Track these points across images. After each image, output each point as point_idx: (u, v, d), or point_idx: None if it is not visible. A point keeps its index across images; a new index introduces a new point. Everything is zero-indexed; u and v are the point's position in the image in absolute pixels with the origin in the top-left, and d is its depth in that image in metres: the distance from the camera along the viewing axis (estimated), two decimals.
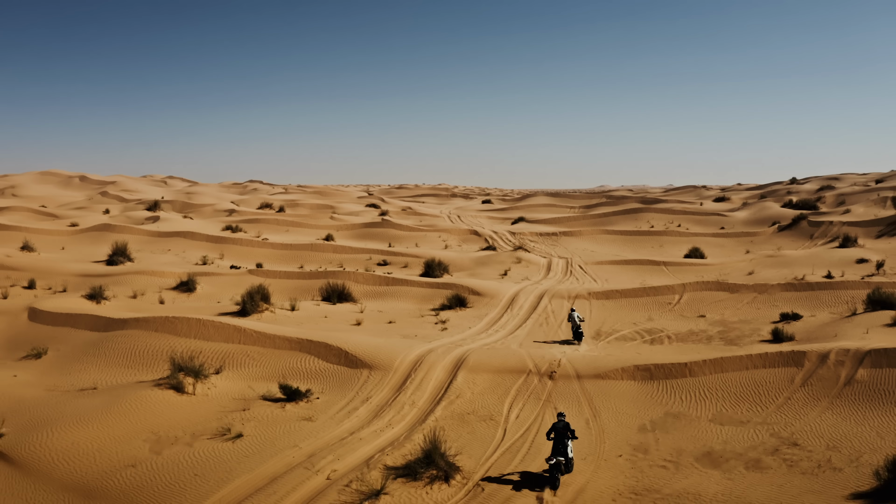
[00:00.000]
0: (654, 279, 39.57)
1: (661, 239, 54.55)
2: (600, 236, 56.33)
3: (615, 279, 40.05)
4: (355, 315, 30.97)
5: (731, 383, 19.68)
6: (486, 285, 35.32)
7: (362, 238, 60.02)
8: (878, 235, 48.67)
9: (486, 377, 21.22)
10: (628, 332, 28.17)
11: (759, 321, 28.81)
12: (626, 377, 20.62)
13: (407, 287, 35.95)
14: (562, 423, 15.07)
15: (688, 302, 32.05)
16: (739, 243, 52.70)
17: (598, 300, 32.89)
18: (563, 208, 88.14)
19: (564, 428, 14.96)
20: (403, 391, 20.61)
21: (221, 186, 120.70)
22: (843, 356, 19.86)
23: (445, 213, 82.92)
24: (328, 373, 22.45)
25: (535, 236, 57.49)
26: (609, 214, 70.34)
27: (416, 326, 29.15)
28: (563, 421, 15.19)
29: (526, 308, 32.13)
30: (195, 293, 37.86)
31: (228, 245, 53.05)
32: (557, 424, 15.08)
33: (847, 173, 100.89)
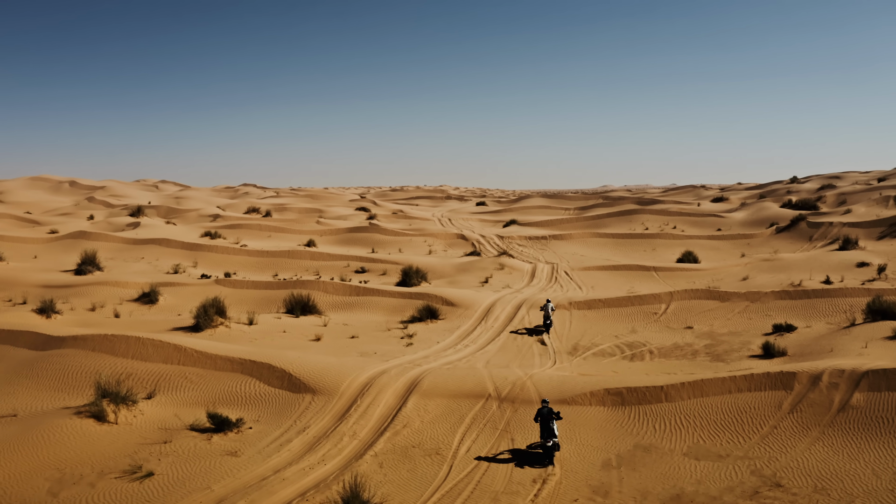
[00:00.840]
0: (642, 286, 37.38)
1: (654, 242, 52.31)
2: (591, 240, 54.11)
3: (602, 286, 37.85)
4: (317, 329, 28.86)
5: (711, 409, 17.49)
6: (462, 295, 33.17)
7: (346, 243, 57.94)
8: (880, 237, 46.37)
9: (440, 402, 19.08)
10: (608, 347, 25.99)
11: (750, 333, 26.59)
12: (595, 402, 18.45)
13: (378, 297, 33.82)
14: (546, 409, 16.28)
15: (675, 311, 29.84)
16: (735, 246, 50.44)
17: (580, 310, 30.70)
18: (558, 210, 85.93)
19: (549, 413, 16.20)
20: (346, 420, 18.51)
21: (213, 190, 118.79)
22: (838, 378, 17.66)
23: (437, 216, 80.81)
24: (268, 398, 20.38)
25: (523, 240, 55.31)
26: (603, 216, 68.14)
27: (379, 342, 27.03)
28: (547, 407, 16.37)
29: (502, 320, 29.97)
30: (157, 305, 35.91)
31: (204, 252, 51.02)
32: (542, 410, 16.28)
33: (849, 171, 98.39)
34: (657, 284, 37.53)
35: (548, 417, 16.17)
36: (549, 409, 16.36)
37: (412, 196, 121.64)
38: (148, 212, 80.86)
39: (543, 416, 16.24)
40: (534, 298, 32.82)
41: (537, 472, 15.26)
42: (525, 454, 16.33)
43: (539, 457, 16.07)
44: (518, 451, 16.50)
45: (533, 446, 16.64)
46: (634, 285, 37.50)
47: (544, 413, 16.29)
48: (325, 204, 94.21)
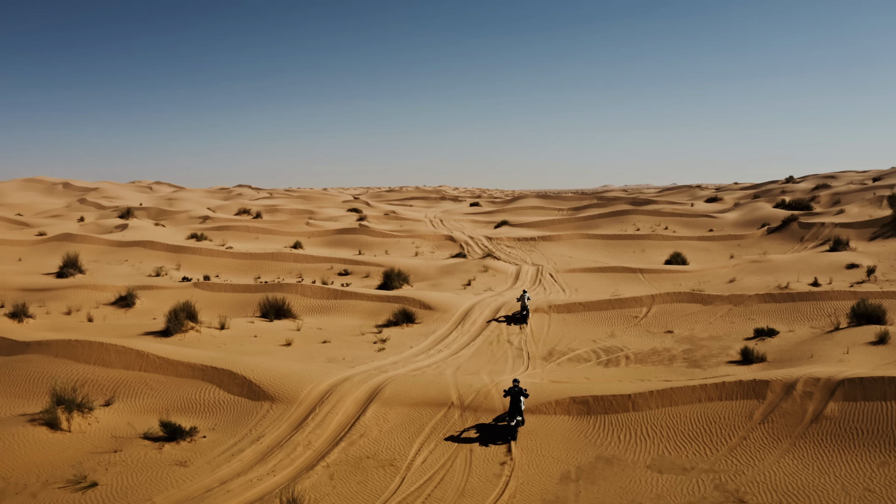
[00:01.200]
0: (627, 288, 36.67)
1: (643, 243, 51.59)
2: (580, 241, 53.40)
3: (586, 288, 37.16)
4: (289, 334, 28.20)
5: (679, 419, 16.80)
6: (440, 298, 32.48)
7: (333, 245, 57.27)
8: (872, 237, 45.63)
9: (401, 411, 18.41)
10: (584, 352, 25.29)
11: (731, 337, 25.88)
12: (561, 412, 17.76)
13: (355, 301, 33.15)
14: (516, 388, 17.25)
15: (656, 315, 29.14)
16: (726, 247, 49.72)
17: (559, 314, 30.01)
18: (552, 210, 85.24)
19: (518, 391, 17.17)
20: (302, 428, 17.87)
21: (206, 192, 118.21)
22: (812, 386, 16.96)
23: (429, 217, 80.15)
24: (227, 405, 19.76)
25: (512, 241, 54.61)
26: (595, 217, 67.44)
27: (350, 346, 26.36)
28: (516, 386, 17.36)
29: (479, 324, 29.29)
30: (133, 309, 35.29)
31: (187, 255, 50.39)
32: (512, 389, 17.23)
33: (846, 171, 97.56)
34: (642, 287, 36.84)
35: (517, 396, 17.08)
36: (518, 387, 17.29)
37: (407, 197, 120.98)
38: (138, 213, 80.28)
39: (513, 395, 17.13)
40: (514, 302, 32.12)
41: (492, 482, 14.59)
42: (491, 428, 17.25)
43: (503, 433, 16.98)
44: (484, 426, 17.39)
45: (499, 419, 17.55)
46: (619, 288, 36.81)
47: (514, 391, 17.18)
48: (317, 205, 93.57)
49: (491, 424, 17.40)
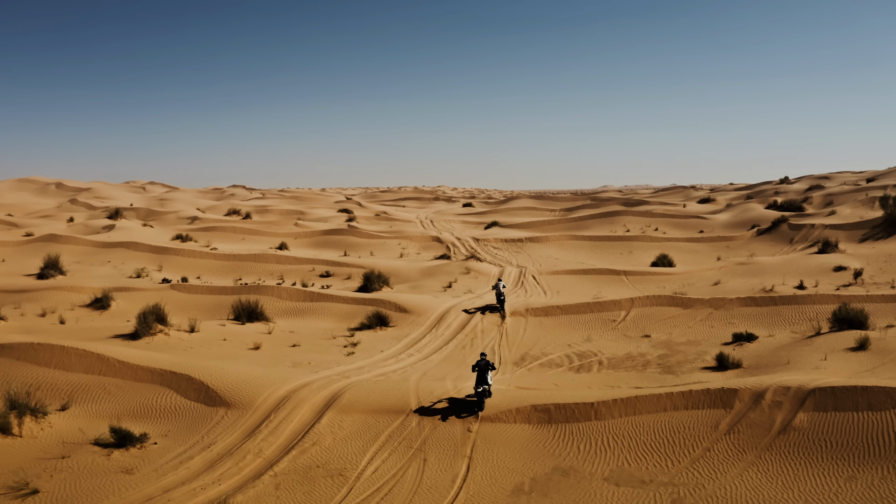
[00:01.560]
0: (609, 291, 36.04)
1: (631, 245, 50.95)
2: (568, 242, 52.75)
3: (568, 291, 36.51)
4: (259, 337, 27.57)
5: (643, 429, 16.16)
6: (417, 301, 31.85)
7: (319, 246, 56.65)
8: (862, 239, 44.98)
9: (358, 418, 17.78)
10: (557, 356, 24.65)
11: (709, 342, 25.24)
12: (521, 420, 17.13)
13: (331, 303, 32.52)
14: (483, 361, 18.22)
15: (635, 319, 28.50)
16: (714, 248, 49.06)
17: (536, 317, 29.36)
18: (544, 211, 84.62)
19: (486, 365, 18.14)
20: (255, 436, 17.26)
21: (199, 192, 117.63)
22: (782, 396, 16.32)
23: (420, 217, 79.54)
24: (182, 411, 19.16)
25: (499, 243, 53.97)
26: (586, 218, 66.79)
27: (320, 350, 25.73)
28: (484, 359, 18.32)
29: (454, 327, 28.65)
30: (108, 311, 34.68)
31: (170, 256, 49.78)
32: (480, 362, 18.18)
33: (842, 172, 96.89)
34: (625, 289, 36.20)
35: (484, 368, 18.01)
36: (486, 361, 18.24)
37: (401, 197, 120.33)
38: (127, 214, 79.70)
39: (480, 368, 18.08)
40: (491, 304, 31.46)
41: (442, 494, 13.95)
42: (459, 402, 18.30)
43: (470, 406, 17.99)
44: (454, 399, 18.43)
45: (469, 396, 18.58)
46: (602, 290, 36.17)
47: (481, 364, 18.13)
48: (308, 206, 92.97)
49: (460, 399, 18.42)
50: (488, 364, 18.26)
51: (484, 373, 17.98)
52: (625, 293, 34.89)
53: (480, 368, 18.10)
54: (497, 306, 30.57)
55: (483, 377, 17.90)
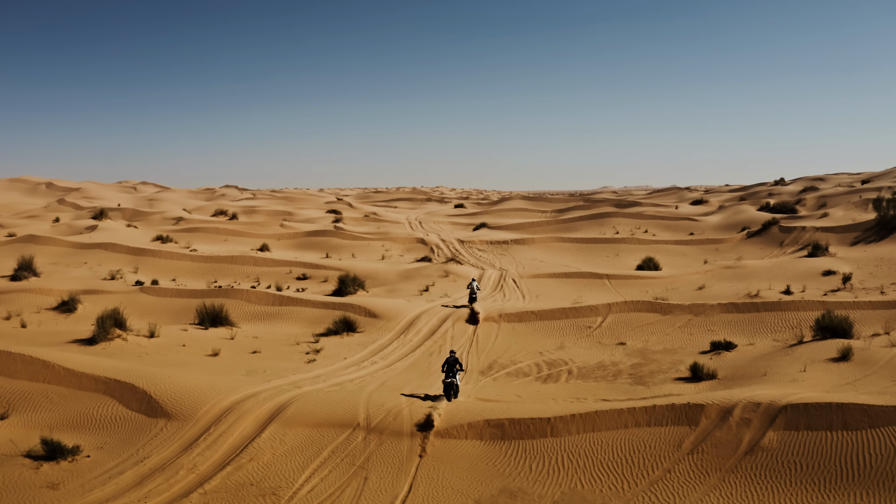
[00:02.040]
0: (591, 295, 34.94)
1: (618, 247, 49.84)
2: (554, 244, 51.64)
3: (547, 295, 35.41)
4: (220, 343, 26.46)
5: (601, 447, 15.05)
6: (388, 306, 30.75)
7: (302, 248, 55.56)
8: (854, 242, 43.87)
9: (301, 432, 16.69)
10: (526, 365, 23.54)
11: (685, 351, 24.14)
12: (472, 436, 16.02)
13: (300, 308, 31.42)
14: (452, 358, 19.12)
15: (611, 325, 27.39)
16: (703, 251, 47.95)
17: (509, 323, 28.26)
18: (535, 212, 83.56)
19: (454, 362, 19.07)
20: (192, 449, 16.18)
21: (190, 192, 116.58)
22: (751, 412, 15.22)
23: (410, 219, 78.49)
24: (122, 422, 18.13)
25: (484, 245, 52.87)
26: (575, 220, 65.71)
27: (280, 357, 24.63)
28: (453, 356, 19.22)
29: (423, 333, 27.55)
30: (74, 314, 33.61)
31: (147, 258, 48.68)
32: (449, 359, 19.05)
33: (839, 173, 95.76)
34: (607, 294, 35.11)
35: (452, 364, 19.00)
36: (455, 358, 19.16)
37: (393, 198, 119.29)
38: (113, 214, 78.67)
39: (450, 365, 19.03)
40: (464, 310, 30.34)
41: None
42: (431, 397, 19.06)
43: None
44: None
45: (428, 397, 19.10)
46: (583, 294, 35.07)
47: (450, 362, 19.06)
48: (297, 206, 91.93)
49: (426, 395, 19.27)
50: (457, 360, 19.13)
51: (452, 368, 18.97)
52: (606, 298, 33.81)
53: (449, 364, 19.02)
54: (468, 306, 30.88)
55: (451, 372, 18.96)
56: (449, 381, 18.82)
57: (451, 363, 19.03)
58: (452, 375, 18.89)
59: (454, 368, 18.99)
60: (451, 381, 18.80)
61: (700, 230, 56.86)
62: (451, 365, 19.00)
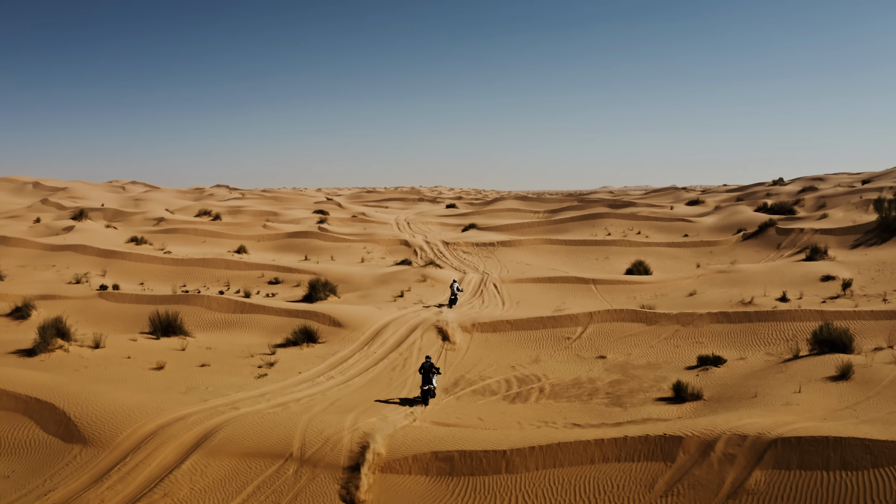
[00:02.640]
0: (576, 302, 32.91)
1: (608, 250, 47.79)
2: (542, 247, 49.59)
3: (529, 302, 33.38)
4: (168, 355, 24.44)
5: (563, 485, 13.02)
6: (356, 313, 28.73)
7: (281, 249, 53.53)
8: (854, 245, 41.83)
9: (227, 463, 14.66)
10: (495, 381, 21.51)
11: (670, 366, 22.11)
12: (417, 470, 14.01)
13: (262, 315, 29.40)
14: (428, 363, 19.32)
15: (592, 336, 25.36)
16: (696, 254, 45.91)
17: (482, 333, 26.24)
18: (527, 213, 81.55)
19: (430, 366, 19.23)
20: (102, 482, 14.26)
21: (178, 192, 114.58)
22: (737, 447, 13.20)
23: (399, 219, 76.49)
24: (37, 446, 16.20)
25: (470, 247, 50.82)
26: (566, 221, 63.69)
27: (228, 371, 22.60)
28: (429, 362, 19.43)
29: (389, 344, 25.52)
30: (28, 321, 31.59)
31: (117, 260, 46.67)
32: (425, 364, 19.30)
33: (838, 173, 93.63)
34: (591, 300, 33.08)
35: (429, 370, 19.18)
36: (431, 363, 19.40)
37: (386, 198, 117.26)
38: (94, 215, 76.73)
39: (425, 369, 19.24)
40: (437, 319, 28.30)
41: None
42: None
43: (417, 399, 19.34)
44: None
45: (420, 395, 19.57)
46: (567, 301, 33.04)
47: (426, 367, 19.27)
48: (284, 206, 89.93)
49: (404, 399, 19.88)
50: (432, 366, 19.39)
51: (428, 373, 19.24)
52: (590, 305, 31.80)
53: (425, 370, 19.28)
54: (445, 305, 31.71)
55: (428, 378, 19.22)
56: (427, 388, 19.09)
57: (426, 368, 19.29)
58: (429, 381, 19.17)
59: (430, 374, 19.24)
60: (429, 388, 19.09)
61: (695, 232, 54.84)
62: (428, 370, 19.26)
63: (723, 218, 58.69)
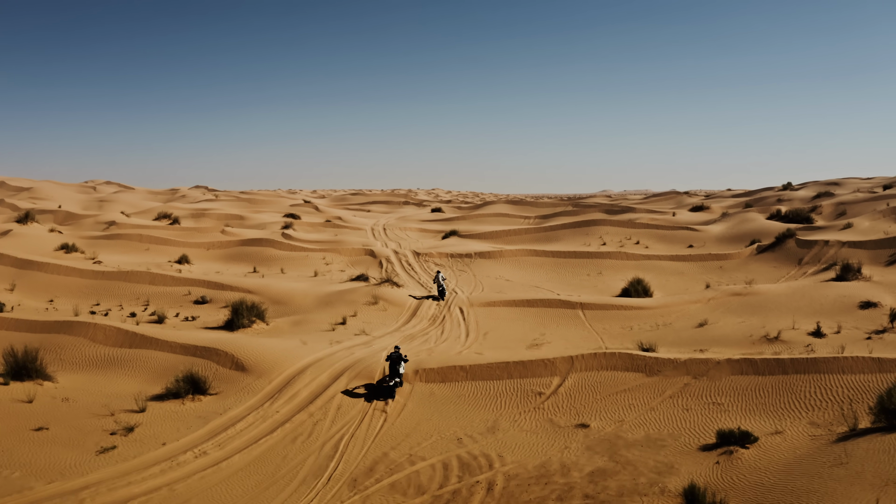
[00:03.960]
0: (557, 332, 26.52)
1: (602, 263, 41.37)
2: (526, 259, 43.16)
3: (501, 332, 26.97)
4: (7, 408, 18.01)
5: None
6: (268, 352, 22.30)
7: (230, 259, 47.12)
8: (889, 262, 35.47)
9: None
10: (428, 467, 15.07)
11: (678, 443, 15.67)
12: None
13: (152, 352, 22.99)
14: (396, 354, 19.06)
15: (572, 391, 18.93)
16: (704, 270, 39.52)
17: (428, 384, 19.81)
18: (517, 218, 75.22)
19: (398, 357, 18.99)
20: None
21: (150, 193, 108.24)
22: None
23: (377, 224, 70.12)
24: None
25: (444, 258, 44.42)
26: (558, 228, 57.28)
27: (67, 441, 16.18)
28: (397, 352, 19.16)
29: (300, 400, 19.11)
30: None
31: (32, 272, 40.24)
32: (392, 355, 19.04)
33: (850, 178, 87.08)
34: (577, 330, 26.67)
35: (396, 361, 18.83)
36: (399, 353, 18.99)
37: (370, 200, 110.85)
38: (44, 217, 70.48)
39: (392, 360, 18.88)
40: (375, 359, 21.85)
41: None
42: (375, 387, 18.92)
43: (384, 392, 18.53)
44: (370, 385, 18.82)
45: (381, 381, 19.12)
46: (547, 331, 26.64)
47: (394, 357, 18.89)
48: (255, 209, 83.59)
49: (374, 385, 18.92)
50: (400, 357, 18.93)
51: (396, 365, 18.75)
52: (575, 337, 25.42)
53: (392, 361, 18.77)
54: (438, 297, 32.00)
55: (395, 369, 18.71)
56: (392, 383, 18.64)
57: (394, 359, 18.83)
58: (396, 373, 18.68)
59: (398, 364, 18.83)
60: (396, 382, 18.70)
61: (700, 242, 48.42)
62: (395, 361, 18.79)
63: (732, 226, 52.32)
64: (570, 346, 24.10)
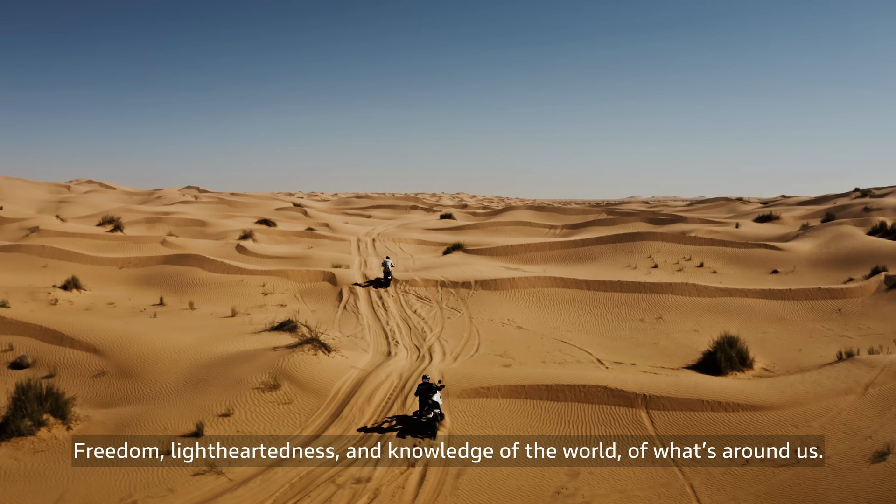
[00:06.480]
0: (605, 473, 13.25)
1: (660, 301, 28.01)
2: (548, 291, 29.94)
3: (489, 476, 13.75)
4: None
5: None
6: None
7: (141, 283, 34.57)
8: None
9: None
10: None
11: None
12: None
13: None
14: (424, 385, 15.81)
15: None
16: (815, 313, 26.06)
17: None
18: (541, 228, 62.05)
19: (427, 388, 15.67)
20: None
21: (125, 192, 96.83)
22: None
23: (369, 234, 57.37)
24: None
25: (433, 288, 31.40)
26: (592, 242, 43.88)
27: None
28: (426, 383, 15.87)
29: None
30: None
31: None
32: (421, 387, 15.81)
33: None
34: (640, 472, 13.37)
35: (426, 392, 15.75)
36: (428, 384, 15.90)
37: (375, 204, 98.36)
38: None
39: (422, 393, 15.85)
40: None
41: None
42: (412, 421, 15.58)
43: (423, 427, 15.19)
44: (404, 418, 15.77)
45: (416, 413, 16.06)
46: (582, 471, 13.37)
47: (423, 389, 15.86)
48: (230, 213, 71.40)
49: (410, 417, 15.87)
50: (430, 386, 15.74)
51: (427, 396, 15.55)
52: (638, 482, 12.15)
53: (422, 394, 15.69)
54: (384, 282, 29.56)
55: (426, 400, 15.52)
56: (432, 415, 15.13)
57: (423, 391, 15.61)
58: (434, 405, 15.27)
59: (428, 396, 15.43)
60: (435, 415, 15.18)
61: (788, 265, 34.83)
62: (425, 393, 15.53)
63: (824, 244, 38.65)
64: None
